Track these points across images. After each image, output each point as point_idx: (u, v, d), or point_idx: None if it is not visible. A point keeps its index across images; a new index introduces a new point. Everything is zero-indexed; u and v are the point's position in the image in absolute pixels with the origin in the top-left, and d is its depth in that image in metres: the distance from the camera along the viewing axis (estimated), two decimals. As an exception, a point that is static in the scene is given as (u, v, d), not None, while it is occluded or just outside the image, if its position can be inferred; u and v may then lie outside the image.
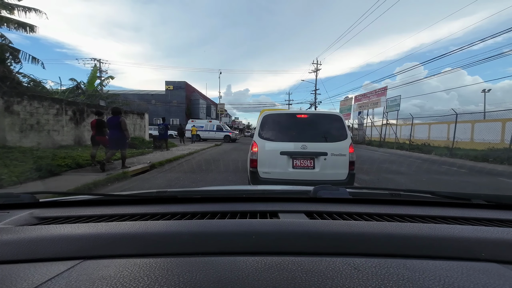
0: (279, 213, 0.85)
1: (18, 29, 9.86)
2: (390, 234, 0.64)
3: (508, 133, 11.72)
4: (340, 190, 1.03)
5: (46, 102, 8.70)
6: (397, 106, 18.73)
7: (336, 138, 3.37)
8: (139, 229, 0.66)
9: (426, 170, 7.55)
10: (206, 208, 0.90)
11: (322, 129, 3.44)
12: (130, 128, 14.33)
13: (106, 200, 1.06)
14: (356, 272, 0.48)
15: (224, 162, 8.18)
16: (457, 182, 5.86)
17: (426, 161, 10.02)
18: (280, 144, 3.37)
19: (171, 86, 37.54)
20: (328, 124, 3.48)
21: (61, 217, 0.85)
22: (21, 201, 0.95)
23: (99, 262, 0.53)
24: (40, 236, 0.63)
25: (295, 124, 3.48)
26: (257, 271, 0.48)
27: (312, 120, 3.51)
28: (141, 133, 15.77)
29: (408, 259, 0.54)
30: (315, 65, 31.00)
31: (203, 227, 0.68)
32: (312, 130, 3.43)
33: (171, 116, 36.40)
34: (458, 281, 0.46)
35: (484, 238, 0.63)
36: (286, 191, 1.23)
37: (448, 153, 11.85)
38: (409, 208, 0.94)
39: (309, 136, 3.37)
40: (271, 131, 3.47)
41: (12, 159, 5.77)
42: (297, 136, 3.37)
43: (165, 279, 0.45)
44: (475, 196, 0.99)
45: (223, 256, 0.55)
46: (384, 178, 6.02)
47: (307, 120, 3.49)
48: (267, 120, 3.54)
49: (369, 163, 8.74)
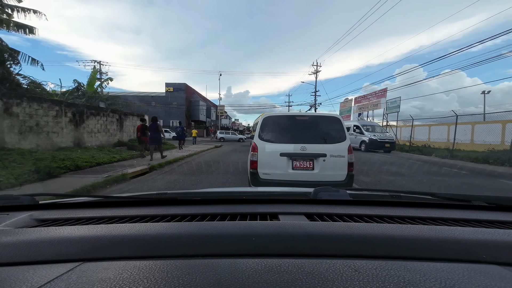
0: (279, 215, 0.84)
1: (18, 30, 9.88)
2: (391, 236, 0.64)
3: (508, 135, 11.74)
4: (340, 191, 1.03)
5: (45, 104, 8.70)
6: (397, 107, 18.80)
7: (335, 139, 3.43)
8: (139, 231, 0.66)
9: (426, 172, 7.54)
10: (206, 210, 0.90)
11: (321, 131, 3.49)
12: (130, 130, 14.36)
13: (105, 202, 1.05)
14: (357, 274, 0.48)
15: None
16: (458, 184, 5.84)
17: (426, 162, 10.02)
18: (280, 145, 3.41)
19: (171, 88, 37.67)
20: (327, 126, 3.53)
21: (61, 219, 0.84)
22: (20, 203, 0.95)
23: (98, 264, 0.53)
24: (40, 238, 0.63)
25: (295, 126, 3.53)
26: (257, 273, 0.48)
27: (311, 122, 3.56)
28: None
29: (409, 261, 0.54)
30: (315, 67, 31.06)
31: (203, 229, 0.68)
32: (312, 132, 3.47)
33: (171, 118, 36.47)
34: (459, 283, 0.45)
35: (485, 240, 0.63)
36: (286, 192, 1.23)
37: (448, 154, 11.85)
38: (410, 209, 0.94)
39: (309, 138, 3.42)
40: (271, 132, 3.51)
41: (11, 161, 5.75)
42: (297, 138, 3.42)
43: (165, 281, 0.45)
44: (476, 197, 0.99)
45: (223, 258, 0.55)
46: (385, 180, 6.00)
47: (306, 122, 3.55)
48: (267, 122, 3.57)
49: (369, 164, 8.72)
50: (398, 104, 18.90)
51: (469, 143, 14.70)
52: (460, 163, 9.50)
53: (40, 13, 10.13)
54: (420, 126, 19.18)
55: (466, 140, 14.76)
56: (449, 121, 15.13)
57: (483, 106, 26.29)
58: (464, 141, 14.58)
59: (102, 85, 17.11)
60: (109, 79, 16.98)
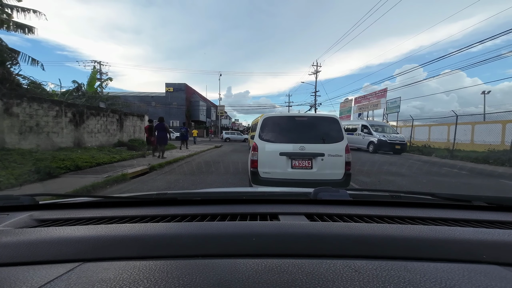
0: (279, 215, 0.85)
1: (17, 30, 9.88)
2: (391, 236, 0.64)
3: (509, 135, 11.74)
4: (340, 192, 1.03)
5: (45, 104, 8.70)
6: (397, 107, 18.82)
7: (333, 139, 3.51)
8: (139, 231, 0.66)
9: (427, 172, 7.54)
10: (206, 210, 0.90)
11: (320, 131, 3.58)
12: (130, 130, 14.36)
13: (106, 202, 1.05)
14: (357, 274, 0.48)
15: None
16: (458, 184, 5.85)
17: (426, 163, 10.02)
18: (280, 145, 3.49)
19: (171, 88, 37.64)
20: (325, 126, 3.62)
21: (61, 219, 0.84)
22: (20, 203, 0.95)
23: (98, 264, 0.53)
24: (40, 238, 0.63)
25: (294, 126, 3.62)
26: (257, 273, 0.48)
27: (310, 122, 3.65)
28: (141, 135, 15.72)
29: (409, 261, 0.54)
30: (315, 67, 31.07)
31: (203, 229, 0.68)
32: (310, 132, 3.56)
33: (171, 118, 36.43)
34: (459, 283, 0.46)
35: (485, 240, 0.63)
36: (286, 193, 1.22)
37: (448, 155, 11.85)
38: (410, 210, 0.94)
39: (307, 138, 3.50)
40: (271, 133, 3.59)
41: (11, 161, 5.75)
42: (296, 138, 3.51)
43: (165, 281, 0.45)
44: (476, 198, 0.99)
45: (223, 258, 0.55)
46: (385, 180, 6.01)
47: (305, 123, 3.64)
48: (267, 123, 3.66)
49: (369, 165, 8.73)
50: (398, 104, 18.92)
51: (469, 143, 14.71)
52: (460, 163, 9.51)
53: (40, 13, 10.15)
54: (420, 126, 19.20)
55: (466, 140, 14.77)
56: (449, 121, 15.12)
57: (483, 106, 26.28)
58: (465, 141, 14.58)
59: (102, 85, 17.11)
60: (109, 79, 17.01)
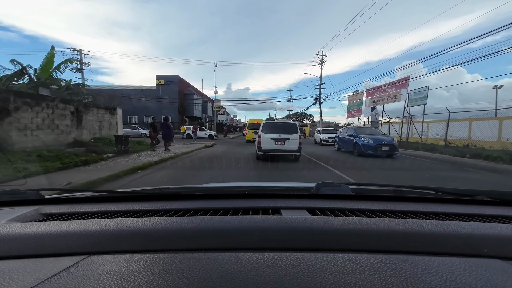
0: (282, 210, 0.88)
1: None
2: (392, 231, 0.66)
3: None
4: (342, 186, 1.06)
5: None
6: (424, 99, 15.66)
7: (293, 132, 8.33)
8: (143, 225, 0.70)
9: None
10: (208, 204, 0.94)
11: (288, 129, 8.42)
12: (94, 126, 11.57)
13: (110, 196, 1.10)
14: (358, 267, 0.50)
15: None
16: None
17: (491, 171, 7.01)
18: (270, 135, 8.27)
19: (162, 81, 35.07)
20: (290, 127, 8.58)
21: (66, 214, 0.88)
22: (27, 198, 0.99)
23: (104, 257, 0.56)
24: (46, 232, 0.66)
25: (277, 126, 8.62)
26: (259, 267, 0.50)
27: (284, 124, 8.84)
28: (110, 132, 13.01)
29: (411, 255, 0.56)
30: (320, 57, 28.04)
31: (206, 223, 0.71)
32: (284, 129, 8.38)
33: (162, 114, 33.55)
34: (460, 277, 0.47)
35: (487, 234, 0.65)
36: (288, 187, 1.28)
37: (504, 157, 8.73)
38: (412, 204, 0.96)
39: (282, 131, 8.29)
40: (266, 129, 8.48)
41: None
42: (277, 131, 8.31)
43: (169, 274, 0.47)
44: (479, 192, 1.02)
45: (226, 252, 0.58)
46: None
47: (282, 124, 8.81)
48: (264, 125, 8.75)
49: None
50: (425, 95, 15.72)
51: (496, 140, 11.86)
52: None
53: None
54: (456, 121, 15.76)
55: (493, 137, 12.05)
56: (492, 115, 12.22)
57: (495, 101, 22.82)
58: (492, 138, 12.31)
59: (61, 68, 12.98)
60: (68, 60, 13.31)
